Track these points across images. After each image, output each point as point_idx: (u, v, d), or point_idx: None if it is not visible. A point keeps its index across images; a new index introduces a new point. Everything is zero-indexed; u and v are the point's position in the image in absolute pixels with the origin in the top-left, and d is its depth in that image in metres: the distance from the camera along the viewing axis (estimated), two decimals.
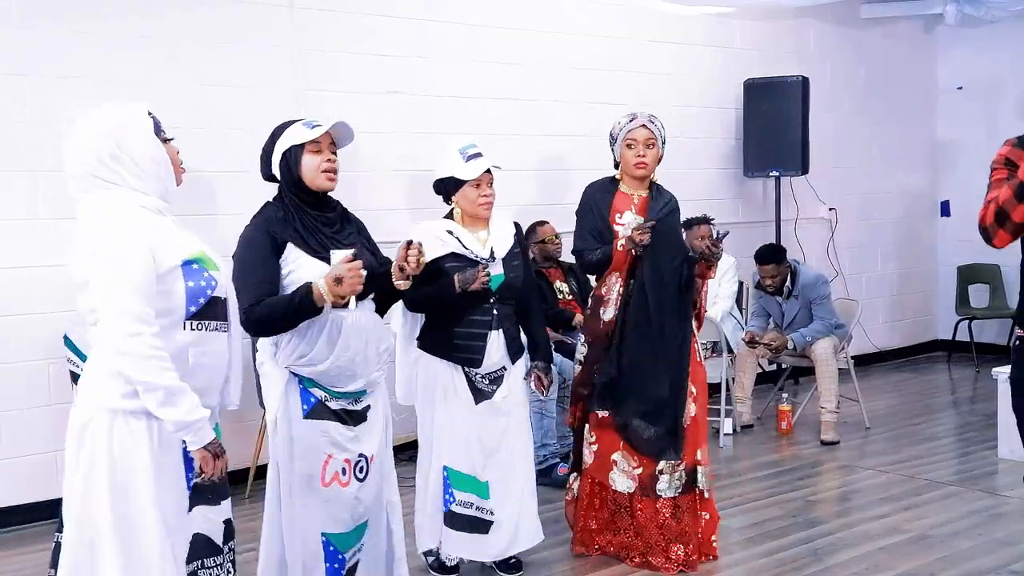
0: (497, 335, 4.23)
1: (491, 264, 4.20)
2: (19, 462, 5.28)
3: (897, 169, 9.43)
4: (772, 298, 6.91)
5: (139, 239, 2.64)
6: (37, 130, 5.24)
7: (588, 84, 7.22)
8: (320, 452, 3.43)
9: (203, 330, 2.73)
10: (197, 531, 2.79)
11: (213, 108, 5.75)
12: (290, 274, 3.39)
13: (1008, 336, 9.10)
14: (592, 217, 4.51)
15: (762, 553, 4.67)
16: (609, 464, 4.45)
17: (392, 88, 6.41)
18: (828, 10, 8.59)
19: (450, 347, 4.20)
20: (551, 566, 4.55)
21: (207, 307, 2.73)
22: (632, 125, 4.43)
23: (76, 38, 5.36)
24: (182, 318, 2.69)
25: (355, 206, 3.80)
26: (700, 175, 7.82)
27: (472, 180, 4.19)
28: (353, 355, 3.43)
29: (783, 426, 6.91)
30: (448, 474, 4.23)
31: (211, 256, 2.83)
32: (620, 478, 4.44)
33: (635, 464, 4.42)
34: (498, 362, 4.25)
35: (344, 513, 3.50)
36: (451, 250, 4.17)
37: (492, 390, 4.26)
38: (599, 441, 4.49)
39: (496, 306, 4.23)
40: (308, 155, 3.45)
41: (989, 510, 5.18)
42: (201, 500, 2.80)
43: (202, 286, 2.72)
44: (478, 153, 4.23)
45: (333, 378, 3.43)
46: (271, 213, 3.47)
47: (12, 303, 5.24)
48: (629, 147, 4.44)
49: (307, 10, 6.10)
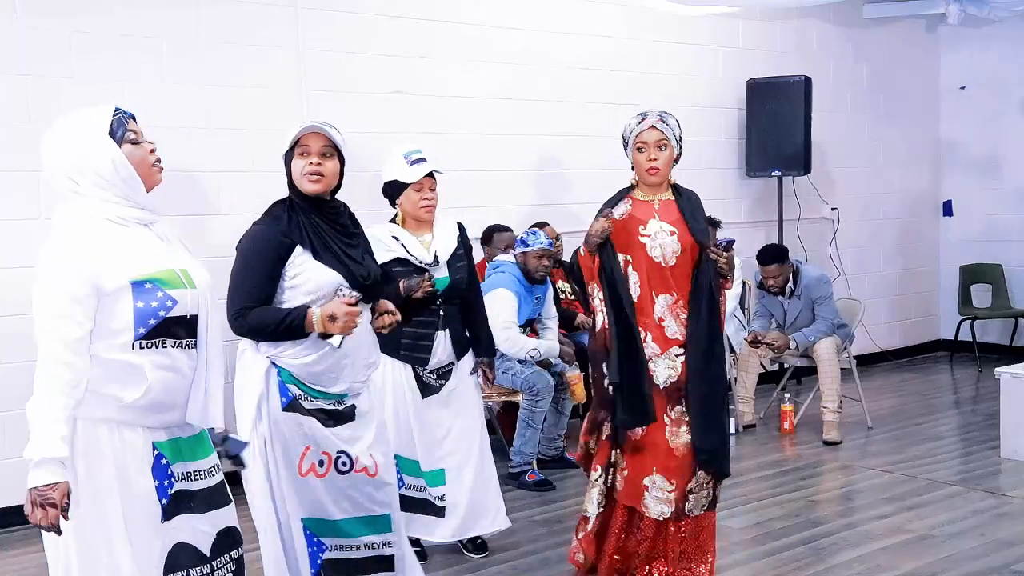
0: (444, 335, 4.39)
1: (435, 268, 4.33)
2: (21, 462, 5.26)
3: (899, 169, 9.42)
4: (775, 298, 6.91)
5: (80, 263, 2.57)
6: (39, 130, 5.20)
7: (590, 84, 7.22)
8: (297, 443, 3.47)
9: (157, 347, 2.65)
10: (181, 540, 2.74)
11: (216, 108, 5.75)
12: (296, 276, 3.40)
13: (1011, 335, 9.12)
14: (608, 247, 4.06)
15: (764, 553, 4.67)
16: (641, 489, 4.06)
17: (395, 88, 6.41)
18: (830, 10, 8.59)
19: (398, 346, 4.31)
20: (552, 566, 4.54)
21: (164, 327, 2.64)
22: (641, 127, 4.04)
23: (79, 38, 5.36)
24: (131, 339, 2.61)
25: (358, 206, 3.80)
26: (702, 175, 7.79)
27: (414, 183, 4.31)
28: (340, 357, 3.44)
29: (785, 426, 6.91)
30: (397, 460, 4.22)
31: (180, 273, 2.72)
32: (654, 503, 4.04)
33: (672, 487, 4.03)
34: (444, 360, 4.42)
35: (321, 502, 3.50)
36: (396, 255, 4.29)
37: (440, 384, 4.45)
38: (629, 466, 4.10)
39: (443, 307, 4.38)
40: (296, 158, 3.49)
41: (992, 510, 5.17)
42: (183, 509, 2.75)
43: (153, 307, 2.62)
44: (422, 158, 4.35)
45: (316, 375, 3.44)
46: (278, 213, 3.47)
47: (12, 303, 5.23)
48: (640, 150, 4.05)
49: (310, 10, 6.10)
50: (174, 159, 2.86)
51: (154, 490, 2.69)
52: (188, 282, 2.72)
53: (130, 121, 2.73)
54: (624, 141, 4.15)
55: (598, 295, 4.08)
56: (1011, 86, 9.12)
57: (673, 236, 4.05)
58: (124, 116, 2.72)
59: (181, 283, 2.70)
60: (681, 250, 4.04)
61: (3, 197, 5.21)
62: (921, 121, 9.59)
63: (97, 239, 2.62)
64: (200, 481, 2.81)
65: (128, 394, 2.62)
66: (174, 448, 2.75)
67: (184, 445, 2.78)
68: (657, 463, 4.02)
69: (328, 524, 3.53)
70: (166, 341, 2.66)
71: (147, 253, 2.68)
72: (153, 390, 2.64)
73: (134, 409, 2.63)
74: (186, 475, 2.77)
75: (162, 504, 2.70)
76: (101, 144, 2.66)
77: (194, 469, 2.80)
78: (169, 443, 2.74)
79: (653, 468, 4.02)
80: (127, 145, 2.69)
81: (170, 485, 2.72)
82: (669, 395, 4.03)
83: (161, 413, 2.69)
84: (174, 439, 2.75)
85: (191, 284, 2.72)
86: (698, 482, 4.06)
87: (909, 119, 9.44)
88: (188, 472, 2.77)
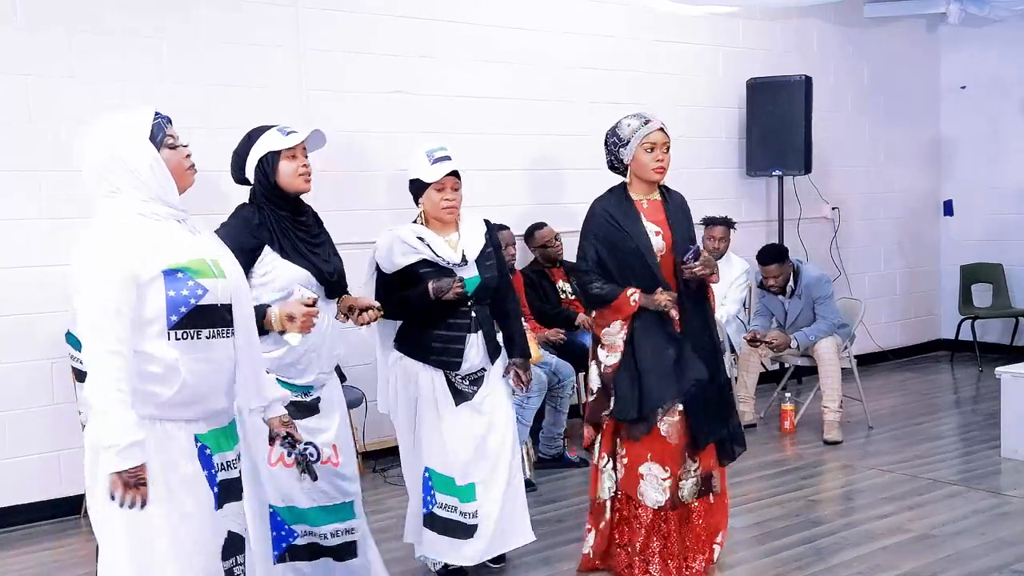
0: (476, 337, 4.20)
1: (464, 268, 4.16)
2: (21, 462, 5.29)
3: (900, 168, 9.42)
4: (775, 297, 6.90)
5: (118, 255, 2.63)
6: (40, 130, 5.24)
7: (591, 84, 7.22)
8: (264, 435, 3.48)
9: (192, 339, 2.71)
10: (231, 529, 2.84)
11: (217, 108, 5.74)
12: (266, 274, 3.57)
13: (1011, 335, 9.12)
14: (602, 241, 4.24)
15: (765, 552, 4.66)
16: (637, 477, 4.21)
17: (396, 88, 6.40)
18: (831, 9, 8.58)
19: (428, 350, 4.16)
20: (552, 565, 4.54)
21: (195, 316, 2.71)
22: (648, 129, 4.18)
23: (79, 38, 5.36)
24: (165, 327, 2.67)
25: (359, 206, 3.83)
26: (703, 174, 7.81)
27: (435, 183, 4.14)
28: (307, 350, 3.62)
29: (786, 425, 6.90)
30: (430, 475, 4.21)
31: (211, 263, 2.79)
32: (649, 491, 4.19)
33: (666, 475, 4.18)
34: (478, 364, 4.22)
35: (290, 491, 3.66)
36: (422, 256, 4.14)
37: (472, 391, 4.22)
38: (628, 454, 4.24)
39: (474, 308, 4.20)
40: (284, 161, 3.66)
41: (992, 509, 5.17)
42: (230, 498, 2.84)
43: (184, 295, 2.69)
44: (445, 156, 4.16)
45: (285, 368, 3.59)
46: (247, 215, 3.64)
47: (13, 303, 5.24)
48: (649, 151, 4.17)
49: (310, 10, 6.10)
50: None
51: (205, 479, 2.76)
52: (219, 272, 2.81)
53: (168, 126, 2.84)
54: (619, 139, 4.23)
55: (621, 336, 4.20)
56: (1011, 86, 9.12)
57: (658, 236, 4.23)
58: (163, 121, 2.83)
59: (212, 273, 2.78)
60: (665, 249, 4.22)
61: (3, 197, 5.20)
62: (921, 121, 9.59)
63: (132, 232, 2.70)
64: (233, 470, 2.89)
65: (165, 390, 2.67)
66: (213, 438, 2.82)
67: (221, 435, 2.86)
68: (652, 450, 4.18)
69: (297, 512, 3.70)
70: (200, 331, 2.73)
71: (179, 244, 2.76)
72: (188, 384, 2.70)
73: (172, 405, 2.69)
74: (224, 465, 2.85)
75: (215, 492, 2.78)
76: (141, 148, 2.75)
77: (229, 459, 2.87)
78: (209, 434, 2.81)
79: (648, 455, 4.18)
80: (165, 150, 2.80)
81: (216, 475, 2.80)
82: None
83: (199, 403, 2.75)
84: (212, 431, 2.82)
85: (222, 274, 2.81)
86: (686, 468, 4.24)
87: (909, 119, 9.44)
88: (225, 462, 2.86)
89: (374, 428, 6.17)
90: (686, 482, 4.24)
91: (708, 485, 4.32)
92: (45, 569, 4.73)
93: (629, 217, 4.23)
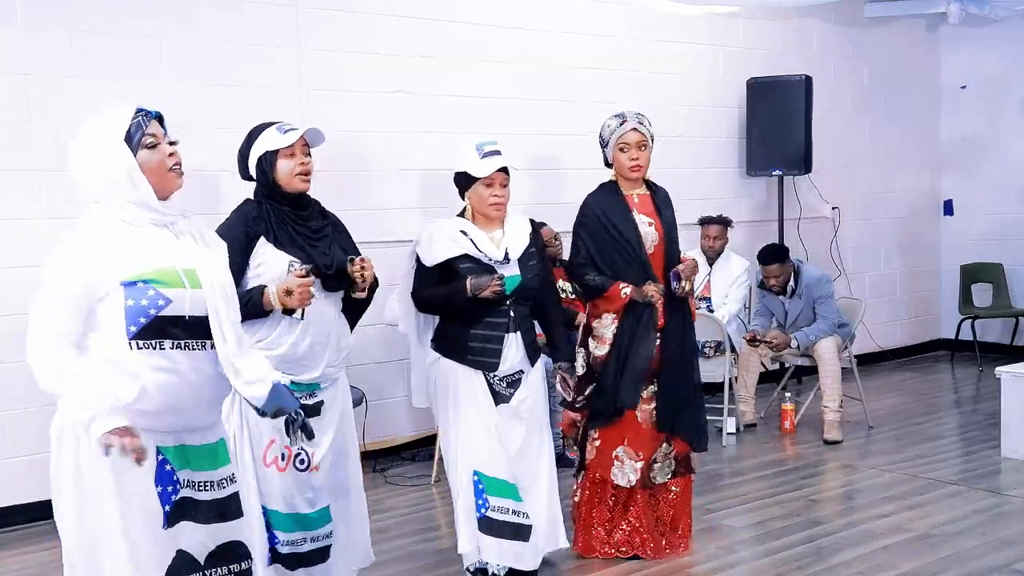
0: (515, 337, 4.14)
1: (506, 266, 4.11)
2: (20, 462, 5.28)
3: (900, 168, 9.41)
4: (775, 297, 6.90)
5: (78, 261, 2.61)
6: (39, 130, 5.24)
7: (591, 84, 7.21)
8: (264, 434, 3.61)
9: (153, 349, 2.63)
10: (182, 548, 2.72)
11: (217, 108, 5.74)
12: (259, 265, 3.57)
13: (1011, 335, 9.12)
14: (593, 237, 4.45)
15: (765, 552, 4.66)
16: (611, 460, 4.51)
17: (396, 88, 6.40)
18: (831, 9, 8.58)
19: (465, 349, 4.12)
20: (553, 565, 4.54)
21: (156, 327, 2.63)
22: (623, 129, 4.40)
23: (79, 38, 5.36)
24: (125, 337, 2.62)
25: (359, 206, 3.84)
26: (703, 174, 7.81)
27: (484, 178, 4.10)
28: (312, 344, 3.61)
29: (786, 425, 6.90)
30: (480, 479, 4.16)
31: (184, 272, 2.69)
32: (621, 473, 4.51)
33: (638, 457, 4.49)
34: (516, 365, 4.16)
35: (277, 495, 3.66)
36: (464, 251, 4.08)
37: (510, 393, 4.17)
38: (602, 437, 4.54)
39: (513, 308, 4.14)
40: (282, 159, 3.64)
41: (992, 509, 5.17)
42: (187, 517, 2.73)
43: (143, 305, 2.61)
44: (495, 151, 4.12)
45: (290, 364, 3.55)
46: (248, 209, 3.66)
47: (13, 303, 5.23)
48: (622, 151, 4.41)
49: (310, 10, 6.10)
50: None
51: (155, 494, 2.67)
52: (191, 283, 2.69)
53: (151, 123, 2.72)
54: (603, 140, 4.48)
55: (611, 328, 4.45)
56: (1012, 85, 9.12)
57: (651, 227, 4.48)
58: (145, 119, 2.71)
59: (180, 283, 2.68)
60: (658, 239, 4.47)
61: (3, 197, 5.21)
62: (922, 120, 9.59)
63: (101, 239, 2.64)
64: (208, 492, 2.78)
65: (124, 395, 2.60)
66: (180, 455, 2.72)
67: (192, 453, 2.75)
68: (628, 436, 4.48)
69: (280, 516, 3.69)
70: (164, 343, 2.65)
71: (146, 252, 2.67)
72: (149, 392, 2.62)
73: (133, 412, 2.60)
74: (192, 484, 2.74)
75: (165, 510, 2.68)
76: (115, 150, 2.66)
77: (203, 479, 2.77)
78: (176, 449, 2.71)
79: (624, 440, 4.50)
80: (143, 151, 2.68)
81: (175, 492, 2.70)
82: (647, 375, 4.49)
83: (162, 416, 2.66)
84: (182, 446, 2.73)
85: (195, 284, 2.70)
86: (663, 452, 4.54)
87: (910, 118, 9.44)
88: (195, 481, 2.75)
89: (374, 428, 6.18)
90: (660, 465, 4.53)
91: (687, 466, 4.65)
92: (45, 569, 4.72)
93: (619, 211, 4.43)
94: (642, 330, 4.40)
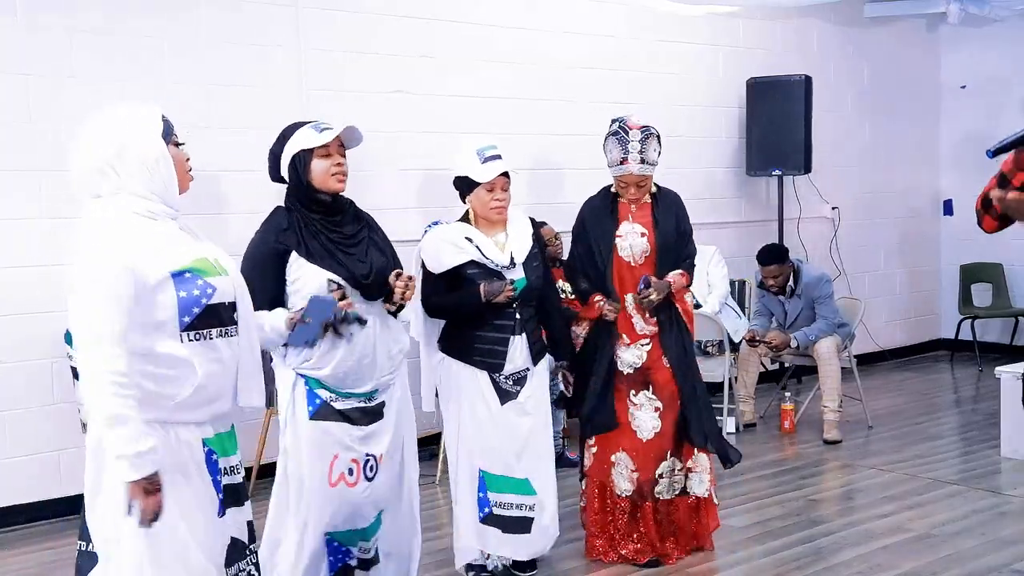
0: (520, 339, 4.15)
1: (512, 270, 4.11)
2: (21, 461, 5.29)
3: (900, 168, 9.41)
4: (775, 297, 6.90)
5: (117, 258, 2.56)
6: (40, 130, 5.24)
7: (592, 84, 7.22)
8: (326, 452, 3.46)
9: (204, 339, 2.67)
10: (233, 535, 2.79)
11: (218, 108, 5.75)
12: (296, 280, 3.43)
13: (1011, 334, 9.11)
14: (582, 243, 4.54)
15: (764, 552, 4.67)
16: (609, 465, 4.47)
17: (396, 88, 6.40)
18: (831, 9, 8.58)
19: (472, 351, 4.12)
20: (553, 565, 4.54)
21: (206, 315, 2.67)
22: (622, 171, 4.35)
23: (79, 38, 5.36)
24: (177, 330, 2.63)
25: (359, 206, 3.80)
26: (703, 174, 7.81)
27: (486, 183, 4.09)
28: (360, 359, 3.46)
29: (786, 425, 6.91)
30: (484, 477, 4.18)
31: (214, 261, 2.76)
32: (620, 479, 4.45)
33: (634, 467, 4.43)
34: (521, 364, 4.17)
35: (350, 512, 3.54)
36: (470, 257, 4.07)
37: (516, 390, 4.18)
38: (598, 443, 4.50)
39: (519, 309, 4.15)
40: (317, 159, 3.47)
41: (992, 509, 5.17)
42: (231, 503, 2.79)
43: (195, 295, 2.64)
44: (496, 155, 4.11)
45: (339, 380, 3.46)
46: (279, 220, 3.49)
47: (12, 303, 5.24)
48: (621, 187, 4.42)
49: (310, 10, 6.10)
50: None
51: (212, 485, 2.73)
52: (222, 269, 2.77)
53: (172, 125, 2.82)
54: (606, 159, 4.42)
55: (582, 335, 4.53)
56: (1012, 85, 9.10)
57: (643, 237, 4.42)
58: (168, 120, 2.80)
59: (216, 270, 2.74)
60: (650, 251, 4.40)
61: (3, 197, 5.21)
62: (922, 120, 9.59)
63: (131, 233, 2.64)
64: (236, 475, 2.85)
65: (181, 391, 2.63)
66: (219, 443, 2.78)
67: (226, 440, 2.82)
68: (623, 442, 4.42)
69: (358, 532, 3.58)
70: (211, 332, 2.69)
71: (180, 243, 2.72)
72: (204, 385, 2.66)
73: (185, 406, 2.65)
74: (229, 470, 2.81)
75: (219, 499, 2.74)
76: (153, 139, 2.71)
77: (233, 463, 2.83)
78: (215, 438, 2.77)
79: (620, 446, 4.44)
80: (172, 147, 2.77)
81: (221, 480, 2.76)
82: (633, 380, 4.45)
83: (209, 405, 2.71)
84: (218, 435, 2.78)
85: (224, 271, 2.78)
86: (669, 467, 4.44)
87: (910, 118, 9.44)
88: (230, 467, 2.82)
89: None
90: (668, 479, 4.45)
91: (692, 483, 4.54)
92: (45, 569, 4.72)
93: (604, 219, 4.43)
94: (608, 345, 4.43)
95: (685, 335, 4.52)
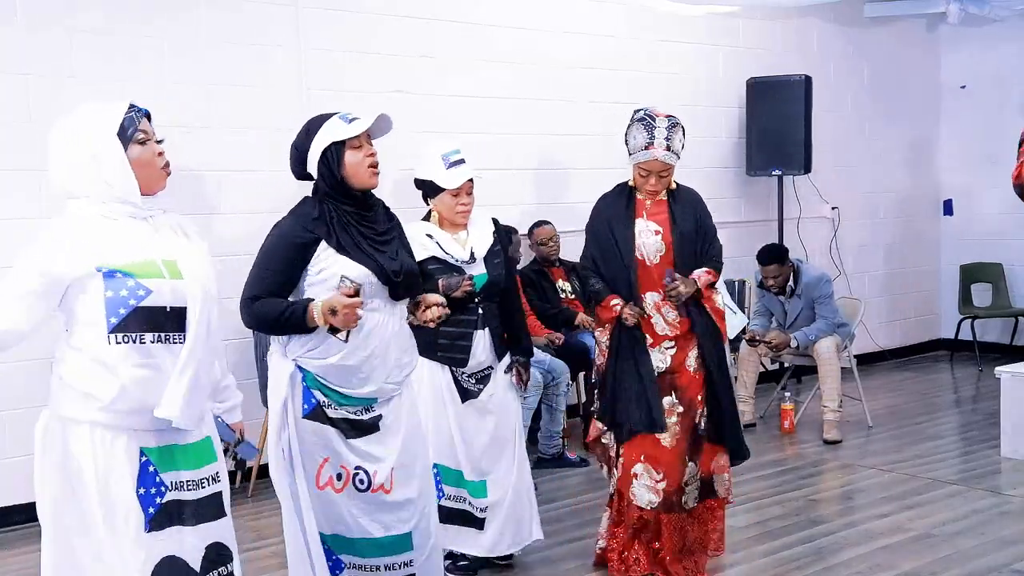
0: (483, 334, 4.20)
1: (473, 265, 4.18)
2: (20, 462, 5.28)
3: (900, 168, 9.42)
4: (775, 297, 6.91)
5: (48, 250, 2.62)
6: (40, 130, 5.21)
7: (591, 83, 7.22)
8: (316, 454, 3.35)
9: (133, 343, 2.57)
10: (171, 554, 2.64)
11: (217, 108, 5.75)
12: (322, 271, 3.27)
13: (1011, 334, 9.12)
14: (596, 241, 4.30)
15: (764, 552, 4.67)
16: (631, 477, 4.22)
17: (396, 88, 6.40)
18: (831, 9, 8.58)
19: (435, 346, 4.14)
20: (553, 565, 4.54)
21: (137, 318, 2.57)
22: (646, 156, 4.11)
23: (79, 38, 5.36)
24: (105, 330, 2.56)
25: None
26: (703, 174, 7.79)
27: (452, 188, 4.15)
28: (369, 356, 3.30)
29: (785, 425, 6.91)
30: (438, 470, 4.20)
31: (164, 263, 2.64)
32: (641, 491, 4.19)
33: (659, 477, 4.18)
34: (484, 361, 4.22)
35: (338, 518, 3.39)
36: (431, 254, 4.15)
37: (479, 389, 4.23)
38: (624, 454, 4.26)
39: (481, 305, 4.21)
40: (350, 151, 3.32)
41: (992, 509, 5.17)
42: (174, 521, 2.66)
43: (123, 296, 2.55)
44: (460, 160, 4.16)
45: (342, 376, 3.30)
46: (307, 209, 3.34)
47: None
48: (642, 175, 4.17)
49: (310, 10, 6.10)
50: (174, 159, 2.84)
51: (135, 498, 2.59)
52: (172, 273, 2.64)
53: (142, 120, 2.68)
54: (628, 147, 4.21)
55: (604, 340, 4.28)
56: (1011, 85, 9.11)
57: (657, 236, 4.21)
58: (137, 114, 2.68)
59: (160, 273, 2.62)
60: (665, 249, 4.20)
61: (3, 197, 5.21)
62: (921, 120, 9.59)
63: (75, 233, 2.61)
64: (194, 491, 2.70)
65: (104, 393, 2.56)
66: (166, 455, 2.65)
67: (179, 453, 2.69)
68: (644, 451, 4.19)
69: (344, 541, 3.41)
70: (144, 336, 2.59)
71: (125, 244, 2.62)
72: (129, 389, 2.57)
73: (114, 411, 2.57)
74: (179, 484, 2.67)
75: (148, 513, 2.61)
76: (107, 144, 2.61)
77: (188, 478, 2.70)
78: (160, 450, 2.64)
79: (641, 455, 4.19)
80: (135, 146, 2.65)
81: (159, 494, 2.63)
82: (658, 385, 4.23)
83: (143, 414, 2.60)
84: (167, 446, 2.66)
85: (176, 275, 2.64)
86: (691, 474, 4.23)
87: (909, 118, 9.44)
88: (181, 481, 2.68)
89: None
90: (691, 488, 4.24)
91: (710, 489, 4.33)
92: None
93: (622, 216, 4.23)
94: (639, 347, 4.19)
95: (716, 332, 4.30)
